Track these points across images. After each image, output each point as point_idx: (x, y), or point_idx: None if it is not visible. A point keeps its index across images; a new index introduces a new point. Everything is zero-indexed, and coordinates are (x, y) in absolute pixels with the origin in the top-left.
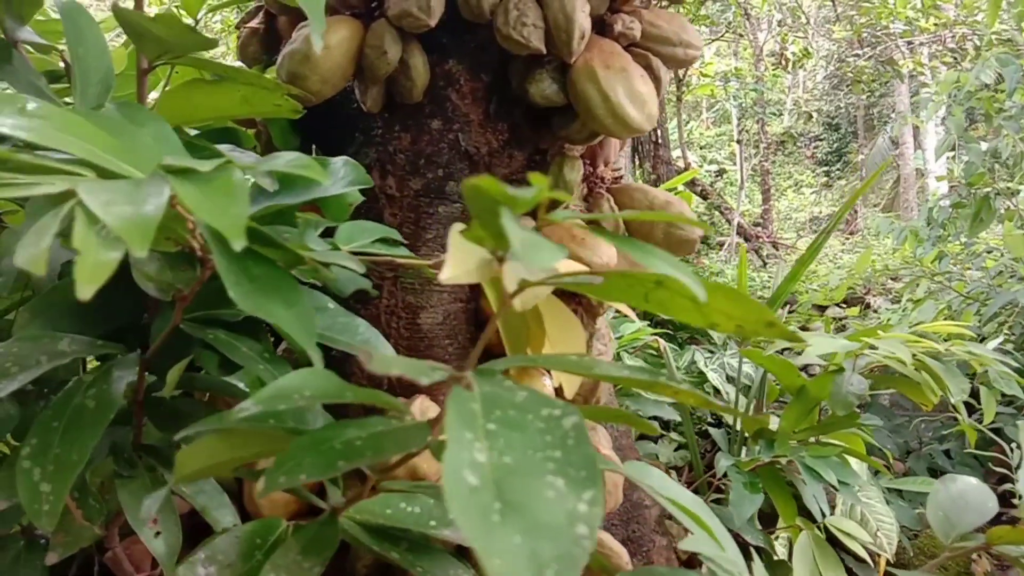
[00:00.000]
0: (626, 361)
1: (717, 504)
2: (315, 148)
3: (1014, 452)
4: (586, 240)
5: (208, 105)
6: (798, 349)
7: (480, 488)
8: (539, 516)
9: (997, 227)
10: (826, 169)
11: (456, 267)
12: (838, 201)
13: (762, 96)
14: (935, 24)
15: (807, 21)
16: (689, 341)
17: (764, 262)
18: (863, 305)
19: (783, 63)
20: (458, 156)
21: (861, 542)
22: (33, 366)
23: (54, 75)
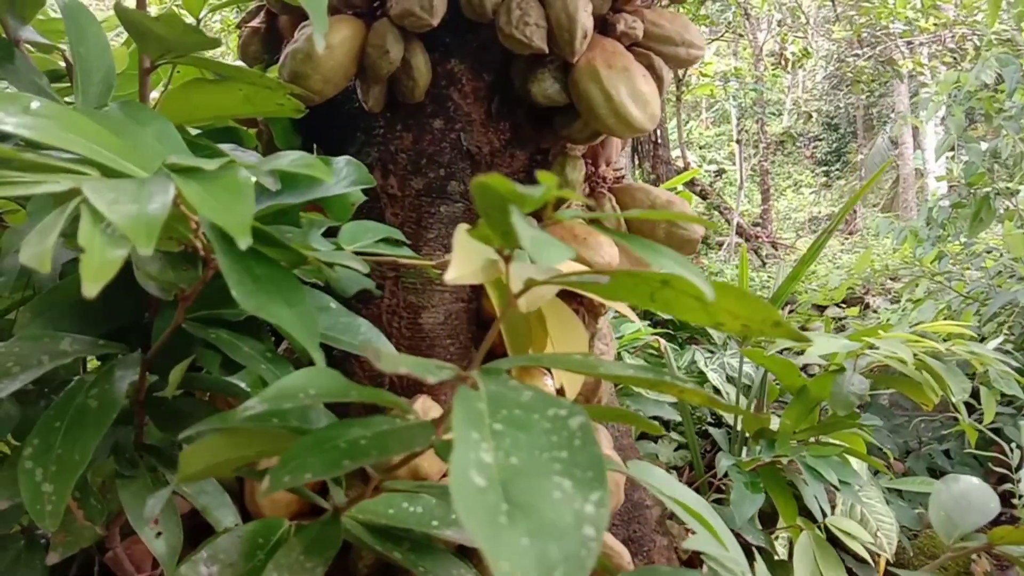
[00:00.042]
0: (627, 361)
1: (718, 504)
2: (316, 148)
3: (1014, 452)
4: (588, 240)
5: (210, 104)
6: (799, 349)
7: (487, 489)
8: (546, 517)
9: (997, 227)
10: (825, 169)
11: (461, 267)
12: (837, 201)
13: (761, 96)
14: (935, 24)
15: (807, 21)
16: (689, 341)
17: (763, 262)
18: (862, 305)
19: (782, 63)
20: (460, 156)
21: (862, 542)
22: (35, 366)
23: (55, 74)
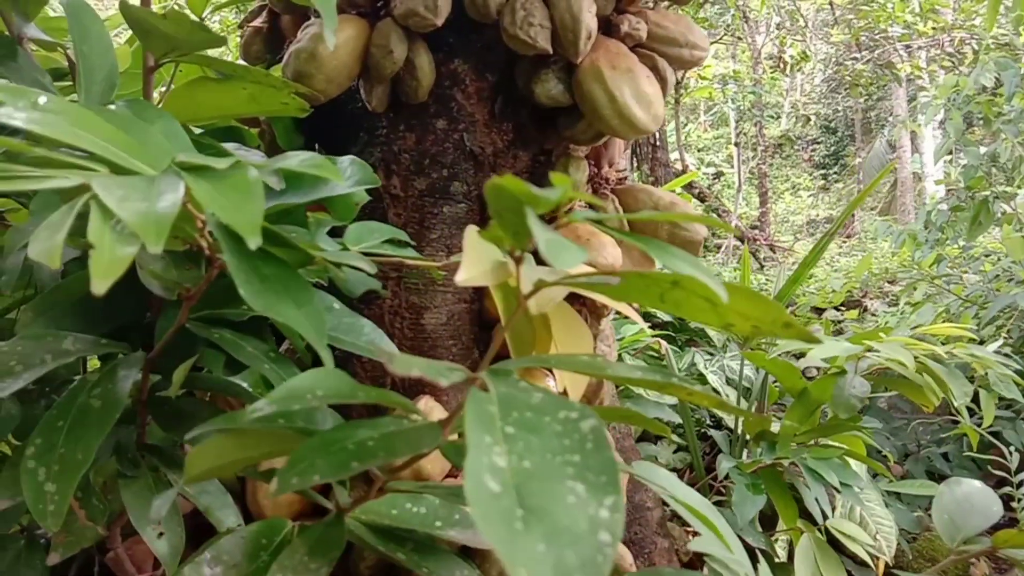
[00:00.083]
0: (628, 363)
1: (718, 506)
2: (319, 147)
3: (1012, 455)
4: (592, 241)
5: (214, 103)
6: (798, 352)
7: (502, 494)
8: (561, 523)
9: (995, 231)
10: (823, 172)
11: (472, 268)
12: (835, 204)
13: (760, 99)
14: (933, 28)
15: (805, 24)
16: (688, 343)
17: (761, 265)
18: (860, 308)
19: (781, 66)
20: (463, 156)
21: (862, 545)
22: (38, 365)
23: (58, 72)
